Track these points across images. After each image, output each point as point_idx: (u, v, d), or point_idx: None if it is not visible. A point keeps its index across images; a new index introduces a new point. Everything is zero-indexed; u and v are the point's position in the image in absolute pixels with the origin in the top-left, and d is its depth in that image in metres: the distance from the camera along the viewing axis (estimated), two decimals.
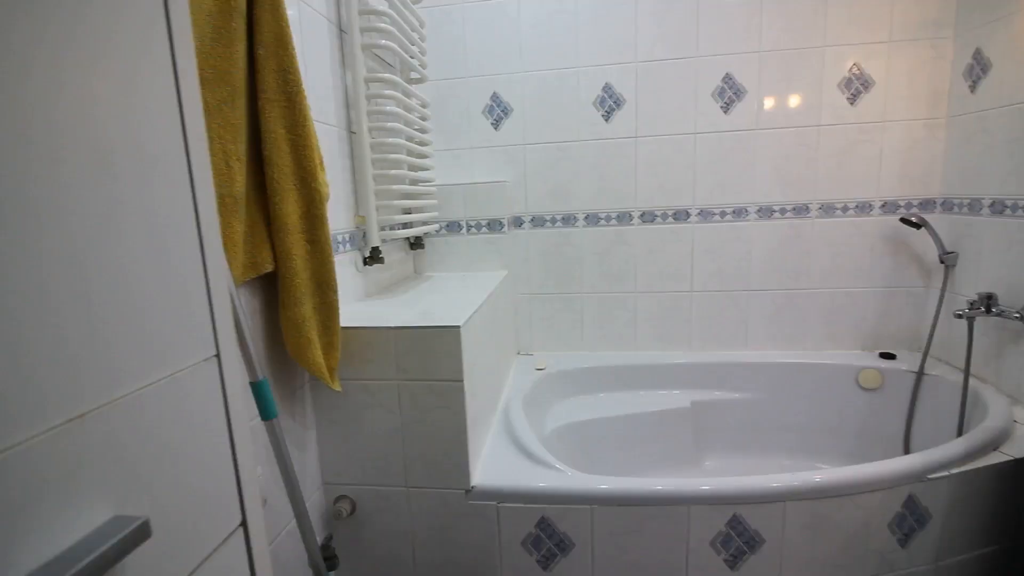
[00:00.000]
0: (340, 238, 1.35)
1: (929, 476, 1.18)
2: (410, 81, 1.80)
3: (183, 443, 0.36)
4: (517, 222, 2.05)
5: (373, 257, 1.48)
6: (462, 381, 1.13)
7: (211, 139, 0.86)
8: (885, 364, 1.85)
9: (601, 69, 1.91)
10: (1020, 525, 1.24)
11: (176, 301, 0.36)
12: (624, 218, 2.01)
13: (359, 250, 1.49)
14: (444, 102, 2.00)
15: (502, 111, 1.99)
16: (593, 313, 2.09)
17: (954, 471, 1.20)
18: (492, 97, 1.98)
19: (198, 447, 0.37)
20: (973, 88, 1.66)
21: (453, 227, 1.99)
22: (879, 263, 1.90)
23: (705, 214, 1.96)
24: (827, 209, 1.89)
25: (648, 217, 1.99)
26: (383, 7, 1.46)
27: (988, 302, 1.53)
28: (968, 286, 1.69)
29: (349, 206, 1.43)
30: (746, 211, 1.94)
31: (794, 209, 1.91)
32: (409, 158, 1.66)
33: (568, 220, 2.03)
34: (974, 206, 1.67)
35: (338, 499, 1.24)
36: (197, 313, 0.37)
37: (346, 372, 1.17)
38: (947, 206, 1.80)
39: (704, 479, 1.16)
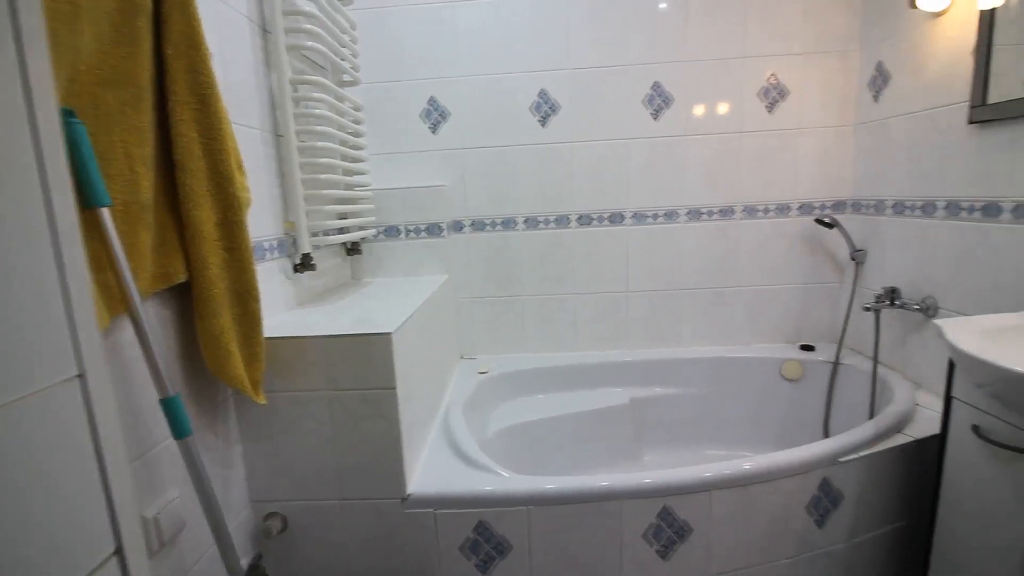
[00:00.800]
0: (267, 245, 1.30)
1: (841, 460, 1.26)
2: (342, 84, 1.76)
3: (35, 472, 0.33)
4: (457, 226, 2.05)
5: (304, 264, 1.44)
6: (395, 388, 1.12)
7: (113, 144, 0.81)
8: (805, 356, 1.97)
9: (537, 75, 1.94)
10: (924, 501, 1.34)
11: (23, 319, 0.33)
12: (562, 221, 2.04)
13: (289, 257, 1.44)
14: (380, 105, 1.97)
15: (440, 115, 1.98)
16: (534, 315, 2.11)
17: (863, 454, 1.29)
18: (429, 101, 1.97)
19: (55, 476, 0.34)
20: (876, 97, 1.80)
21: (391, 232, 1.96)
22: (798, 261, 2.02)
23: (639, 217, 2.02)
24: (750, 211, 1.99)
25: (585, 220, 2.04)
26: (309, 8, 1.42)
27: (892, 295, 1.66)
28: (875, 281, 1.82)
29: (277, 211, 1.38)
30: (677, 214, 2.01)
31: (721, 211, 2.00)
32: (343, 162, 1.62)
33: (508, 224, 2.05)
34: (879, 207, 1.81)
35: (268, 516, 1.20)
36: (52, 331, 0.34)
37: (273, 384, 1.13)
38: (856, 207, 1.94)
39: (635, 474, 1.19)
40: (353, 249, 1.89)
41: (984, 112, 1.35)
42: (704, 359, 2.03)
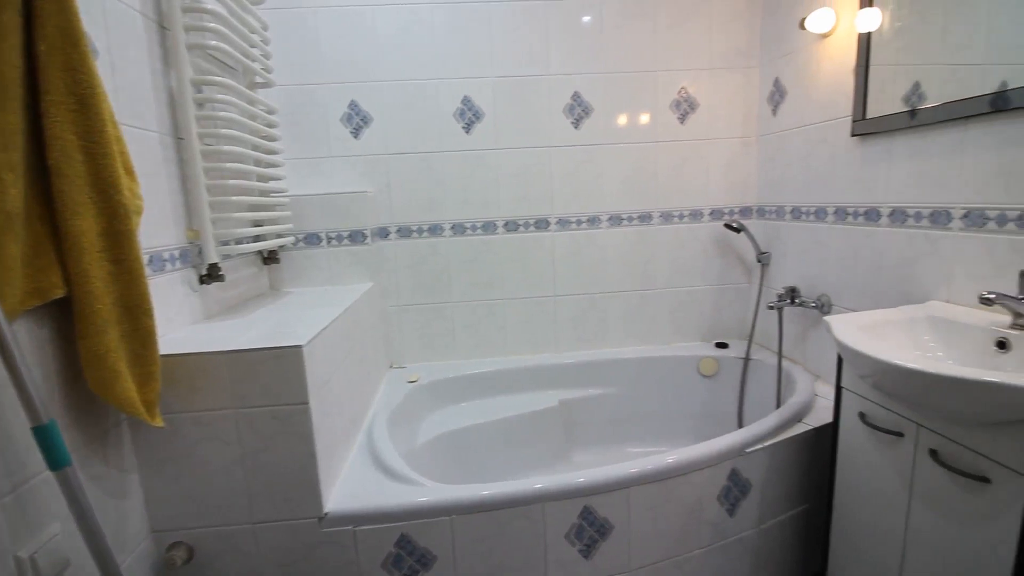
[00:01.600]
0: (166, 255, 1.22)
1: (747, 450, 1.35)
2: (254, 85, 1.69)
3: None
4: (382, 233, 2.01)
5: (211, 275, 1.36)
6: (308, 403, 1.07)
7: None
8: (720, 353, 2.08)
9: (460, 82, 1.94)
10: (823, 485, 1.45)
11: None
12: (489, 227, 2.05)
13: (194, 267, 1.36)
14: (298, 109, 1.90)
15: (361, 120, 1.94)
16: (464, 321, 2.11)
17: (767, 444, 1.38)
18: (350, 105, 1.92)
19: None
20: (775, 111, 1.94)
21: (312, 239, 1.89)
22: (711, 264, 2.14)
23: (563, 223, 2.07)
24: (667, 217, 2.09)
25: (512, 226, 2.06)
26: (212, 5, 1.35)
27: (792, 294, 1.80)
28: (778, 281, 1.96)
29: (178, 219, 1.30)
30: (599, 220, 2.08)
31: (639, 217, 2.08)
32: (255, 167, 1.55)
33: (435, 230, 2.03)
34: (780, 212, 1.95)
35: (172, 546, 1.11)
36: None
37: (173, 405, 1.06)
38: (761, 213, 2.08)
39: (556, 476, 1.21)
40: (270, 258, 1.81)
41: (864, 126, 1.49)
42: (628, 359, 2.10)
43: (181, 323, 1.26)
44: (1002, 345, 1.06)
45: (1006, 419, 0.86)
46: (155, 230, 1.18)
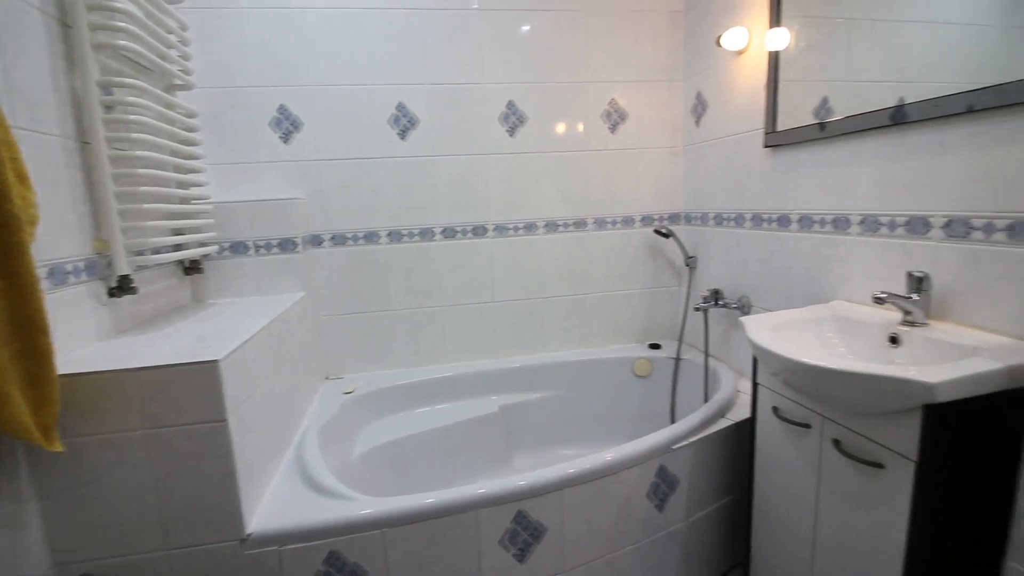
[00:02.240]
0: (69, 267, 1.14)
1: (674, 447, 1.40)
2: (172, 88, 1.61)
3: None
4: (315, 241, 1.96)
5: (122, 287, 1.28)
6: (225, 421, 1.03)
7: None
8: (653, 353, 2.16)
9: (395, 88, 1.93)
10: (746, 476, 1.53)
11: None
12: (427, 234, 2.04)
13: (103, 280, 1.27)
14: (223, 113, 1.83)
15: (292, 124, 1.88)
16: (403, 329, 2.08)
17: (692, 439, 1.44)
18: (279, 110, 1.87)
19: None
20: (698, 123, 2.04)
21: (238, 248, 1.81)
22: (643, 268, 2.22)
23: (500, 229, 2.09)
24: (600, 223, 2.15)
25: (449, 233, 2.06)
26: (122, 3, 1.28)
27: (716, 296, 1.89)
28: (704, 284, 2.06)
29: (84, 229, 1.21)
30: (536, 226, 2.11)
31: (575, 224, 2.14)
32: (173, 174, 1.48)
33: (371, 237, 2.00)
34: (704, 219, 2.05)
35: None
36: None
37: (75, 428, 0.99)
38: (688, 219, 2.18)
39: (488, 482, 1.21)
40: (192, 268, 1.72)
41: (774, 138, 1.60)
42: (566, 363, 2.14)
43: (87, 339, 1.18)
44: (894, 340, 1.16)
45: (893, 409, 0.94)
46: (56, 241, 1.10)
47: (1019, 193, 0.98)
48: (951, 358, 0.97)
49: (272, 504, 1.19)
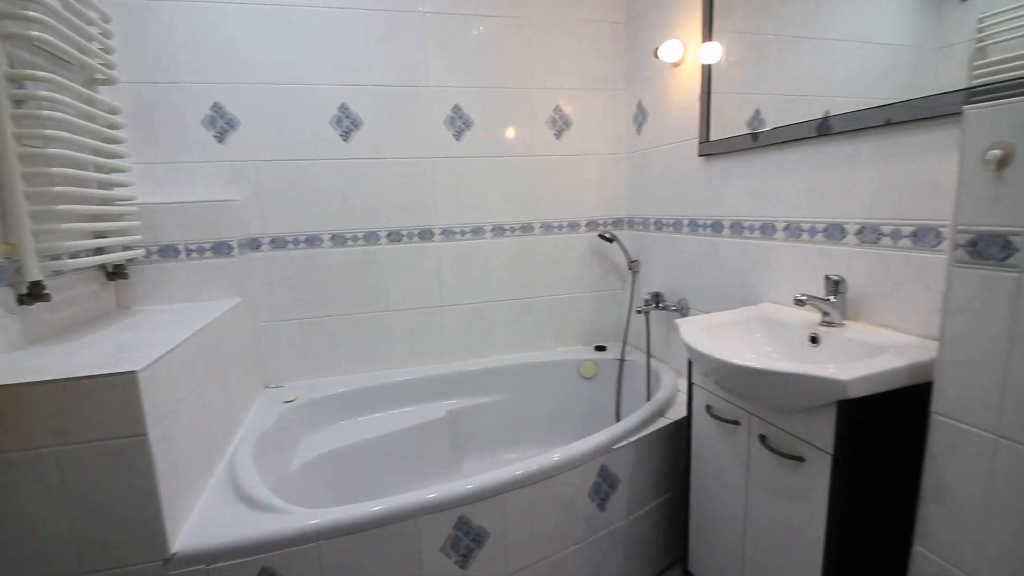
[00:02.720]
0: None
1: (615, 447, 1.43)
2: (92, 82, 1.51)
3: None
4: (253, 244, 1.89)
5: (33, 294, 1.19)
6: (146, 435, 0.97)
7: None
8: (599, 355, 2.21)
9: (337, 89, 1.89)
10: (683, 473, 1.58)
11: None
12: (372, 238, 2.01)
13: (11, 286, 1.18)
14: (151, 109, 1.73)
15: (227, 123, 1.81)
16: (347, 335, 2.04)
17: (633, 439, 1.48)
18: (214, 107, 1.79)
19: None
20: (639, 131, 2.10)
21: (168, 252, 1.72)
22: (589, 272, 2.26)
23: (447, 233, 2.08)
24: (547, 228, 2.18)
25: (395, 237, 2.03)
26: None
27: (657, 299, 1.95)
28: (647, 287, 2.12)
29: None
30: (483, 230, 2.11)
31: (522, 228, 2.15)
32: (94, 174, 1.39)
33: (313, 241, 1.95)
34: (646, 224, 2.11)
35: None
36: None
37: None
38: (631, 224, 2.24)
39: (428, 489, 1.20)
40: (116, 273, 1.62)
41: (708, 147, 1.67)
42: (514, 366, 2.15)
43: None
44: (814, 340, 1.23)
45: (812, 405, 0.99)
46: None
47: (922, 202, 1.07)
48: (863, 356, 1.04)
49: (200, 521, 1.13)
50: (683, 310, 1.86)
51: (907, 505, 0.99)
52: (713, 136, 1.64)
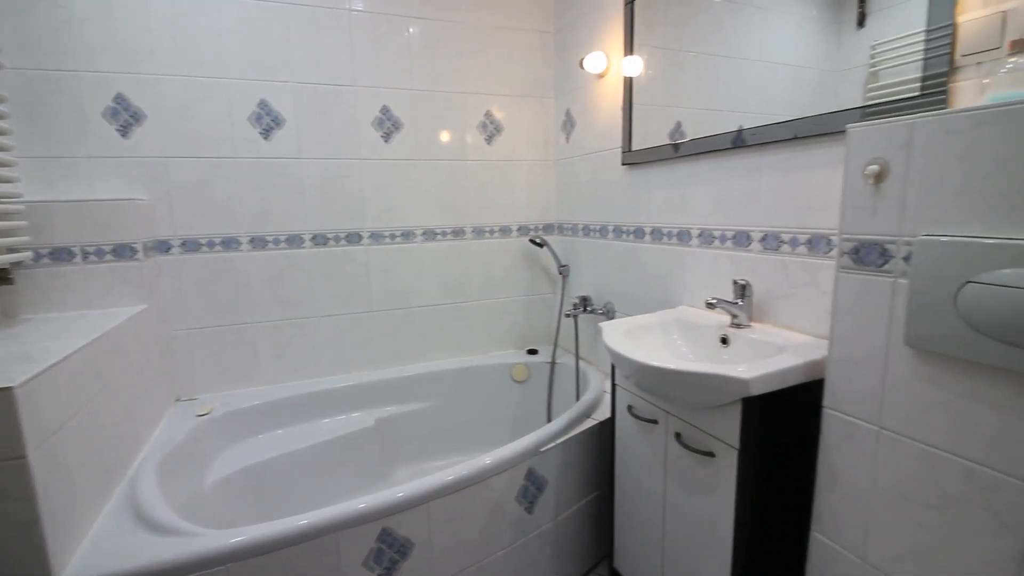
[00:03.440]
0: None
1: (542, 449, 1.45)
2: None
3: None
4: (162, 247, 1.76)
5: None
6: (25, 458, 0.88)
7: None
8: (531, 359, 2.23)
9: (256, 84, 1.80)
10: (608, 472, 1.62)
11: None
12: (295, 241, 1.93)
13: None
14: (42, 99, 1.58)
15: (132, 116, 1.68)
16: (269, 343, 1.94)
17: (559, 441, 1.50)
18: (117, 99, 1.66)
19: None
20: (567, 139, 2.15)
21: (61, 255, 1.57)
22: (521, 276, 2.29)
23: (376, 236, 2.03)
24: (478, 232, 2.18)
25: (320, 240, 1.96)
26: None
27: (585, 303, 2.00)
28: (576, 291, 2.17)
29: None
30: (413, 234, 2.08)
31: (453, 232, 2.14)
32: None
33: (229, 243, 1.84)
34: (575, 229, 2.16)
35: None
36: None
37: None
38: (560, 229, 2.29)
39: (348, 503, 1.16)
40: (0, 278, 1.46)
41: (630, 157, 1.73)
42: (445, 371, 2.13)
43: None
44: (724, 341, 1.30)
45: (720, 402, 1.05)
46: None
47: (816, 211, 1.16)
48: (766, 356, 1.11)
49: (93, 548, 1.04)
50: (609, 313, 1.92)
51: (806, 494, 1.07)
52: (637, 146, 1.70)
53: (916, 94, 0.94)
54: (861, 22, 1.07)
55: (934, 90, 0.92)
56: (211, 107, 1.76)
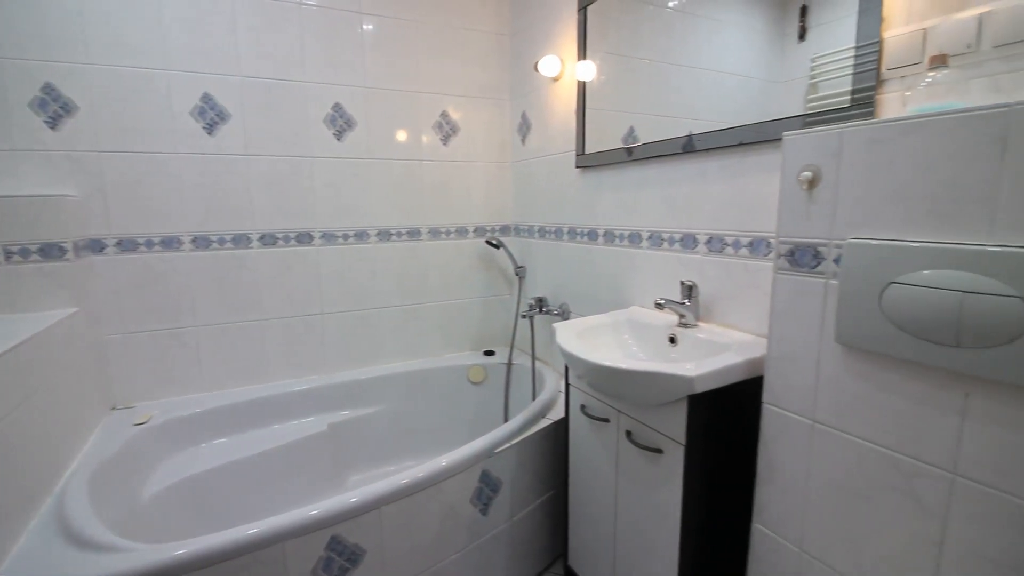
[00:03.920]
0: None
1: (496, 451, 1.45)
2: None
3: None
4: (95, 246, 1.66)
5: None
6: None
7: None
8: (487, 360, 2.23)
9: (199, 77, 1.73)
10: (563, 471, 1.63)
11: None
12: (241, 241, 1.85)
13: None
14: None
15: (62, 107, 1.58)
16: (213, 347, 1.86)
17: (514, 442, 1.50)
18: (45, 89, 1.56)
19: None
20: (523, 141, 2.16)
21: None
22: (477, 277, 2.28)
23: (328, 237, 1.98)
24: (435, 233, 2.17)
25: (269, 240, 1.89)
26: None
27: (540, 303, 2.02)
28: (532, 292, 2.18)
29: None
30: (367, 234, 2.05)
31: (408, 232, 2.12)
32: None
33: (170, 243, 1.76)
34: (531, 231, 2.18)
35: None
36: None
37: None
38: (517, 231, 2.30)
39: (294, 511, 1.13)
40: None
41: (584, 160, 1.75)
42: (400, 374, 2.10)
43: None
44: (672, 340, 1.34)
45: (667, 400, 1.07)
46: None
47: (756, 215, 1.20)
48: (711, 354, 1.15)
49: (16, 568, 0.97)
50: (564, 314, 1.94)
51: (748, 487, 1.10)
52: (591, 149, 1.73)
53: (847, 105, 1.00)
54: (802, 36, 1.12)
55: (863, 102, 0.97)
56: (150, 99, 1.67)
